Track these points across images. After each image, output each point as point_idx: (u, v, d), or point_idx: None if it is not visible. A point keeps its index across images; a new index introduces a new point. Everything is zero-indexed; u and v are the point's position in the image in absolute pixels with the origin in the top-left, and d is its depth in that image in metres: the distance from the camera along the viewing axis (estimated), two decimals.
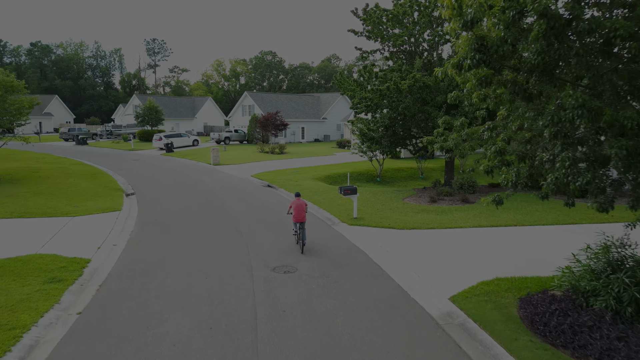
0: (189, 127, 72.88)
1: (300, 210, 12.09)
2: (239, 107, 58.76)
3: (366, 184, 28.50)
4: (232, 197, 21.06)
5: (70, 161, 34.78)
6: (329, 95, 64.01)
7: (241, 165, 33.41)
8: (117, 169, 31.35)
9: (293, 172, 29.51)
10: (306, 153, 42.14)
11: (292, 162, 35.14)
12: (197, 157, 38.74)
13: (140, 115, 54.33)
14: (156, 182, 25.48)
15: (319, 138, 59.69)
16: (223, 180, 26.23)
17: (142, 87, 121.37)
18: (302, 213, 12.09)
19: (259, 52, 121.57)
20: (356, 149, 29.38)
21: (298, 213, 12.09)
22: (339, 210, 17.86)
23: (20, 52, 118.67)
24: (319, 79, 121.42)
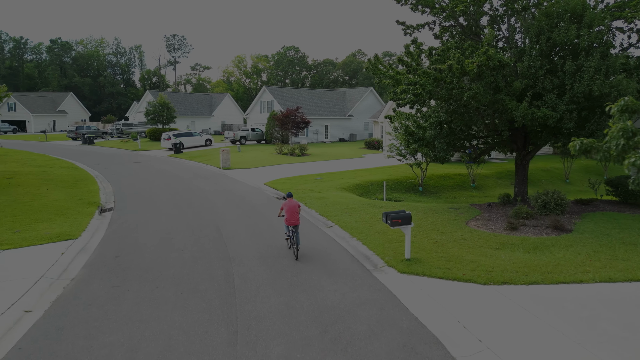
0: (206, 125, 68.55)
1: (294, 213, 11.29)
2: (257, 103, 53.81)
3: (406, 195, 23.02)
4: (234, 216, 15.91)
5: (61, 164, 30.40)
6: (356, 90, 58.46)
7: (254, 170, 28.33)
8: (111, 173, 26.73)
9: (315, 180, 24.24)
10: (330, 155, 36.82)
11: (314, 166, 29.88)
12: (207, 160, 33.91)
13: (150, 112, 50.03)
14: (147, 192, 20.62)
15: (344, 137, 54.27)
16: (229, 191, 21.16)
17: (162, 84, 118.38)
18: (296, 215, 11.29)
19: (282, 47, 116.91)
20: (393, 151, 23.92)
21: (291, 216, 11.25)
22: (381, 241, 12.48)
23: (41, 50, 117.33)
24: (343, 75, 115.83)
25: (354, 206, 17.41)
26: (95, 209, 16.90)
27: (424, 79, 14.97)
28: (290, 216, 11.23)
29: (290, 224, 11.26)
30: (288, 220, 11.26)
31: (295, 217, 11.23)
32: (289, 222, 11.26)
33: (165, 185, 22.39)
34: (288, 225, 11.37)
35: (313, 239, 13.10)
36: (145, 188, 21.69)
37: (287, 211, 11.30)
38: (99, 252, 11.82)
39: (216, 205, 17.81)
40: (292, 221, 11.23)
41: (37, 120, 72.03)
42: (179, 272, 10.32)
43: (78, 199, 18.43)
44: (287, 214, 11.28)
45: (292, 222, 11.23)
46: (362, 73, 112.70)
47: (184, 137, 42.12)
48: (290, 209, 11.29)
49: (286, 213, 11.31)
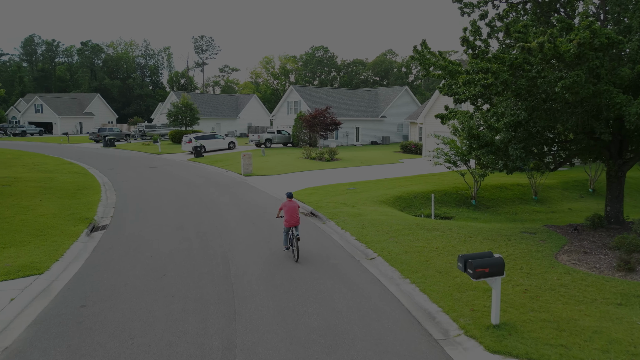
0: (232, 127, 66.15)
1: (293, 213, 10.96)
2: (284, 104, 50.73)
3: (457, 211, 19.31)
4: (249, 241, 12.66)
5: (71, 169, 28.04)
6: (389, 89, 54.65)
7: (278, 178, 25.13)
8: (122, 180, 24.07)
9: (348, 190, 20.82)
10: (363, 159, 33.30)
11: (345, 173, 26.44)
12: (228, 164, 30.99)
13: (172, 113, 47.74)
14: (153, 205, 17.69)
15: (376, 140, 50.59)
16: (247, 204, 18.00)
17: (190, 86, 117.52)
18: (296, 216, 10.98)
19: (310, 47, 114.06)
20: (440, 157, 20.25)
21: (291, 217, 10.92)
22: (446, 287, 8.96)
23: (73, 52, 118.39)
24: (373, 75, 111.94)
25: (399, 227, 13.90)
26: (84, 227, 13.98)
27: (497, 65, 11.33)
28: (290, 217, 10.94)
29: (291, 225, 11.01)
30: (288, 221, 10.97)
31: (295, 218, 11.00)
32: (289, 223, 10.97)
33: (176, 197, 19.43)
34: (288, 227, 11.08)
35: (350, 280, 9.68)
36: (152, 199, 18.78)
37: (287, 212, 10.99)
38: (63, 297, 8.74)
39: (229, 224, 14.61)
40: (292, 222, 10.98)
41: (63, 122, 71.37)
42: (160, 338, 7.10)
43: (70, 213, 15.60)
44: (287, 214, 10.97)
45: (292, 222, 10.99)
46: (393, 73, 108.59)
47: (205, 140, 39.45)
48: (290, 210, 11.00)
49: (285, 214, 11.00)
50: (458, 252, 11.38)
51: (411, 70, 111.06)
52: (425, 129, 31.89)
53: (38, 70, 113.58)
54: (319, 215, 16.19)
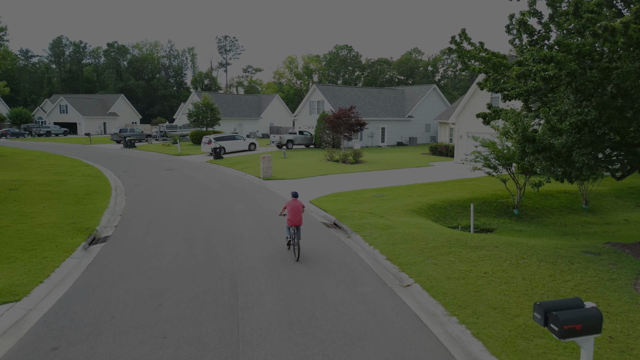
0: (253, 127, 64.99)
1: (297, 213, 11.03)
2: (306, 103, 49.07)
3: (498, 221, 17.24)
4: (264, 262, 11.00)
5: (85, 171, 27.07)
6: (416, 88, 52.35)
7: (299, 182, 23.47)
8: (135, 183, 22.87)
9: (375, 197, 18.98)
10: (390, 162, 31.33)
11: (371, 178, 24.58)
12: (247, 167, 29.54)
13: (193, 113, 46.73)
14: (162, 213, 16.28)
15: (402, 141, 48.43)
16: (265, 211, 16.38)
17: (214, 86, 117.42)
18: (298, 216, 11.02)
19: (334, 46, 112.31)
20: (479, 161, 18.23)
21: (294, 216, 10.97)
22: (505, 330, 7.09)
23: (99, 53, 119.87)
24: (398, 75, 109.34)
25: (436, 243, 12.01)
26: (83, 239, 12.59)
27: (562, 53, 9.32)
28: (293, 216, 10.98)
29: (293, 224, 11.01)
30: (290, 220, 10.99)
31: (297, 218, 11.02)
32: (292, 222, 10.99)
33: (188, 203, 17.98)
34: (290, 226, 11.08)
35: (384, 316, 7.89)
36: (163, 206, 17.38)
37: (290, 211, 11.02)
38: (35, 335, 7.24)
39: (242, 237, 12.99)
40: (294, 221, 10.99)
41: (87, 123, 71.64)
42: None
43: (71, 222, 14.28)
44: (290, 214, 10.99)
45: (295, 222, 10.99)
46: (419, 72, 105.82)
47: (225, 141, 38.17)
48: (294, 209, 11.05)
49: (289, 213, 11.03)
50: (511, 279, 9.44)
51: (438, 69, 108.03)
52: (457, 130, 29.72)
53: (66, 72, 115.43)
54: (343, 227, 14.41)
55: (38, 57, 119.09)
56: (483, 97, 27.28)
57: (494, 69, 14.78)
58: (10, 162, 30.06)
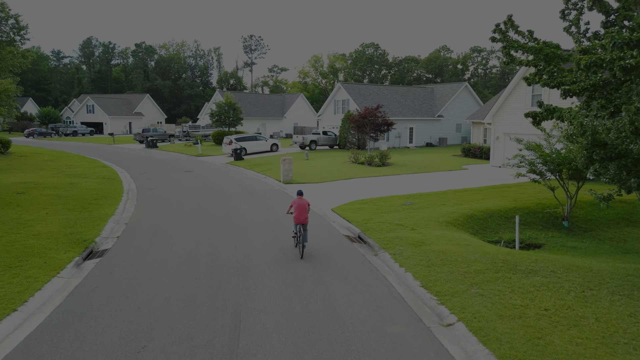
0: (277, 127, 63.79)
1: (302, 211, 11.05)
2: (330, 102, 47.34)
3: (546, 235, 15.18)
4: (276, 284, 9.39)
5: (100, 173, 26.18)
6: (446, 86, 49.89)
7: (321, 186, 21.82)
8: (149, 187, 21.75)
9: (404, 205, 17.15)
10: (419, 165, 29.33)
11: (400, 182, 22.71)
12: (268, 169, 28.11)
13: (215, 113, 45.74)
14: (172, 221, 14.93)
15: (431, 142, 46.16)
16: (282, 220, 14.81)
17: (239, 86, 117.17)
18: (304, 214, 11.05)
19: (360, 44, 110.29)
20: (524, 165, 16.20)
21: (300, 214, 11.01)
22: None
23: (128, 54, 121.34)
24: (426, 73, 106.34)
25: (480, 266, 10.15)
26: (77, 253, 11.28)
27: None
28: (299, 214, 11.01)
29: (299, 222, 11.02)
30: (297, 218, 11.01)
31: (303, 216, 11.01)
32: (298, 220, 11.01)
33: (201, 210, 16.59)
34: (296, 224, 11.07)
35: None
36: (173, 214, 16.04)
37: (296, 209, 11.05)
38: None
39: (254, 254, 11.43)
40: (300, 219, 11.00)
41: (113, 122, 71.98)
42: None
43: (70, 232, 13.03)
44: (296, 212, 11.04)
45: (301, 220, 11.00)
46: (448, 70, 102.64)
47: (247, 142, 36.89)
48: (300, 207, 11.06)
49: (295, 211, 11.08)
50: (581, 320, 7.53)
51: (468, 66, 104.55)
52: (493, 131, 27.47)
53: (95, 72, 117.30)
54: (368, 242, 12.67)
55: (69, 57, 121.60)
56: (523, 95, 24.99)
57: (546, 60, 12.79)
58: (29, 163, 29.53)
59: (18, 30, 33.72)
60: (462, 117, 47.31)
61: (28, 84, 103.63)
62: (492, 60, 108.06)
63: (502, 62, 16.38)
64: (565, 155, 15.08)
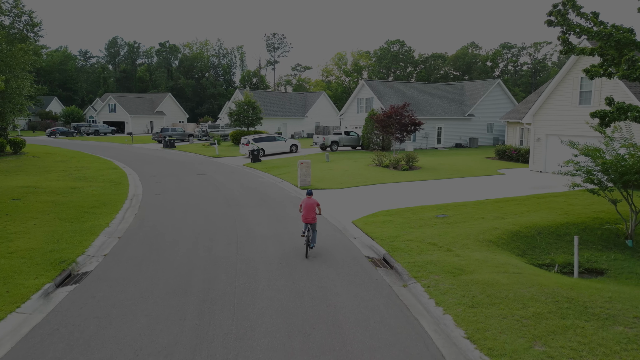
0: (298, 127, 62.00)
1: (310, 211, 11.09)
2: (353, 101, 45.13)
3: (607, 257, 12.78)
4: (279, 329, 7.41)
5: (109, 176, 24.83)
6: (477, 83, 47.01)
7: (342, 193, 19.76)
8: (157, 192, 20.22)
9: (436, 218, 14.94)
10: (450, 168, 26.94)
11: (429, 189, 20.44)
12: (285, 172, 26.24)
13: (234, 113, 44.22)
14: (170, 236, 13.17)
15: (461, 142, 43.46)
16: (294, 234, 12.83)
17: (262, 85, 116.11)
18: (312, 213, 11.10)
19: (385, 41, 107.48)
20: (580, 174, 13.81)
21: (307, 213, 11.09)
22: None
23: (152, 53, 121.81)
24: (453, 70, 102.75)
25: (539, 307, 7.95)
26: (51, 278, 9.58)
27: None
28: (306, 213, 11.05)
29: (307, 222, 11.06)
30: (304, 217, 11.05)
31: (311, 215, 11.04)
32: (305, 219, 11.05)
33: (205, 222, 14.80)
34: (304, 223, 11.11)
35: None
36: (173, 227, 14.30)
37: (304, 208, 11.12)
38: None
39: (258, 283, 9.49)
40: (307, 219, 11.04)
41: (135, 122, 71.61)
42: None
43: (50, 250, 11.38)
44: (304, 211, 11.10)
45: (308, 219, 11.04)
46: (477, 67, 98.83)
47: (265, 142, 35.15)
48: (307, 207, 11.09)
49: (303, 210, 11.13)
50: None
51: (498, 63, 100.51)
52: (534, 131, 24.82)
53: (120, 71, 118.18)
54: (396, 267, 10.56)
55: (96, 57, 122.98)
56: (569, 91, 22.30)
57: (617, 48, 10.45)
58: (39, 165, 28.49)
59: (32, 27, 32.83)
60: (495, 116, 44.44)
61: (55, 83, 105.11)
62: (522, 56, 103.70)
63: (559, 51, 14.26)
64: (632, 163, 12.62)
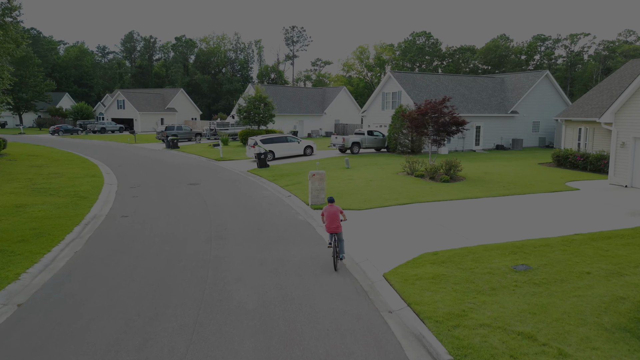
0: (316, 125, 56.98)
1: (334, 219, 10.10)
2: (378, 95, 39.68)
3: None
4: None
5: (79, 188, 20.37)
6: (521, 76, 40.92)
7: (365, 216, 14.58)
8: (128, 210, 15.61)
9: (513, 271, 9.70)
10: (502, 180, 21.48)
11: (485, 213, 15.08)
12: (296, 183, 21.29)
13: (243, 109, 39.51)
14: (113, 288, 8.31)
15: (502, 144, 37.72)
16: (297, 301, 7.80)
17: (280, 80, 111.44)
18: (336, 222, 10.12)
19: (410, 34, 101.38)
20: None
21: (331, 222, 10.09)
22: None
23: (169, 48, 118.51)
24: (483, 65, 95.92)
25: None
26: None
27: None
28: (330, 222, 10.11)
29: (331, 231, 10.13)
30: (328, 227, 10.16)
31: (335, 224, 10.10)
32: (329, 229, 10.14)
33: (164, 272, 9.97)
34: (329, 233, 10.24)
35: None
36: (120, 277, 9.53)
37: (327, 217, 10.19)
38: None
39: None
40: (332, 228, 10.11)
41: (144, 119, 67.78)
42: None
43: None
44: (327, 220, 10.18)
45: (332, 229, 10.11)
46: (510, 60, 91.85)
47: (275, 144, 30.28)
48: (331, 215, 10.14)
49: (326, 219, 10.22)
50: None
51: (533, 56, 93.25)
52: (616, 133, 19.18)
53: (136, 67, 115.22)
54: None
55: (113, 53, 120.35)
56: None
57: None
58: (4, 171, 24.23)
59: (10, 11, 28.65)
60: (541, 113, 38.54)
61: (71, 79, 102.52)
62: (557, 49, 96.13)
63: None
64: None
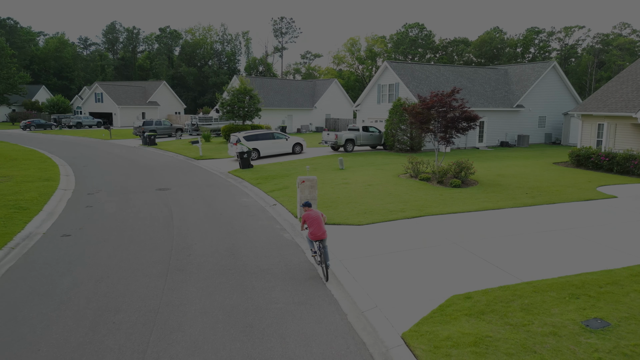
0: (306, 120, 53.85)
1: (319, 224, 8.94)
2: (373, 88, 36.66)
3: None
4: None
5: (20, 197, 17.10)
6: (526, 67, 38.14)
7: (367, 233, 11.56)
8: (72, 228, 12.47)
9: (584, 329, 6.75)
10: (520, 184, 18.64)
11: (514, 231, 12.17)
12: (282, 188, 18.25)
13: (226, 103, 36.28)
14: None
15: (507, 140, 34.98)
16: None
17: (268, 73, 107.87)
18: (322, 227, 8.95)
19: (403, 25, 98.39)
20: None
21: (317, 229, 8.91)
22: None
23: (153, 40, 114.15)
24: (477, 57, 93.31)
25: None
26: None
27: None
28: (316, 229, 8.95)
29: (316, 239, 8.95)
30: (313, 234, 8.97)
31: (321, 230, 8.97)
32: (315, 236, 8.95)
33: (92, 331, 6.86)
34: (313, 240, 9.05)
35: None
36: (23, 341, 6.39)
37: (312, 223, 9.00)
38: None
39: None
40: (318, 235, 8.93)
41: (124, 113, 64.01)
42: None
43: None
44: (312, 226, 9.00)
45: (319, 235, 8.93)
46: (505, 53, 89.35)
47: (259, 141, 27.18)
48: (315, 220, 9.00)
49: (310, 226, 9.03)
50: None
51: (529, 48, 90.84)
52: None
53: (119, 59, 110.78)
54: None
55: (95, 45, 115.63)
56: None
57: None
58: None
59: None
60: (547, 107, 35.88)
61: (50, 71, 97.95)
62: (551, 42, 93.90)
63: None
64: None
